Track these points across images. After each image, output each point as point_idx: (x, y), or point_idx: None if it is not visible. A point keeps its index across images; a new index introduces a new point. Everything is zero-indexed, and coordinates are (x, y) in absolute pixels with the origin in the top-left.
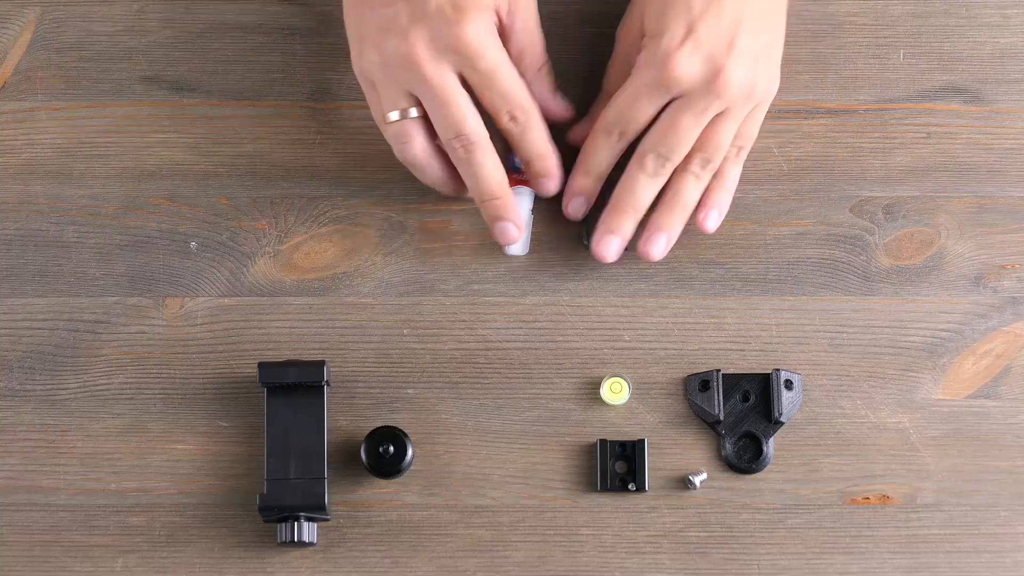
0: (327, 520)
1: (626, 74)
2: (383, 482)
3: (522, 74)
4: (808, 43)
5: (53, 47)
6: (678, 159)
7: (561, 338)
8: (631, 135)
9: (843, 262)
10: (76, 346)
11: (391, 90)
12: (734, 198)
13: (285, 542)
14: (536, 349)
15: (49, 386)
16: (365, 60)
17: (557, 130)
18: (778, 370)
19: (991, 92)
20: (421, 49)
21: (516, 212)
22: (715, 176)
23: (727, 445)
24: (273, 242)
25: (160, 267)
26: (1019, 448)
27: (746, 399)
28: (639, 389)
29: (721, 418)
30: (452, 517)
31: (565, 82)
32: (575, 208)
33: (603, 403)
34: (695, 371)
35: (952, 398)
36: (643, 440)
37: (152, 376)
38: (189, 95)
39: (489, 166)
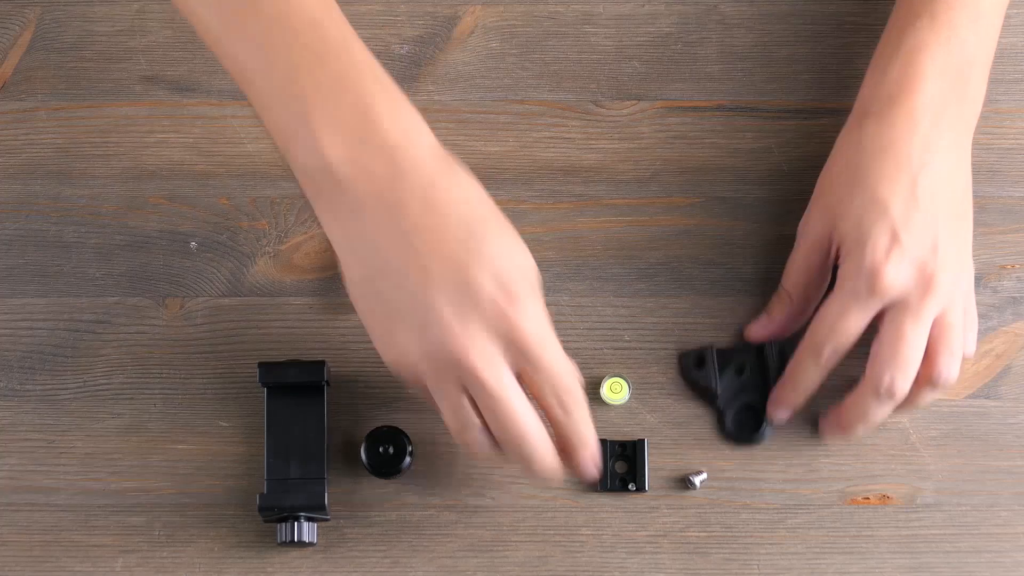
0: (327, 520)
1: (807, 273)
2: (383, 482)
3: None
4: (808, 43)
5: (53, 47)
6: (914, 372)
7: (561, 338)
8: (843, 352)
9: None
10: (76, 346)
11: (441, 386)
12: (734, 196)
13: (285, 542)
14: None
15: (49, 386)
16: (402, 355)
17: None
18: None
19: (991, 92)
20: (474, 347)
21: (561, 475)
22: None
23: (726, 419)
24: (273, 242)
25: (160, 267)
26: (1019, 448)
27: (741, 372)
28: (639, 389)
29: (719, 392)
30: (452, 517)
31: (566, 83)
32: (779, 418)
33: (603, 403)
34: (695, 372)
35: (952, 398)
36: (643, 440)
37: (152, 376)
38: (189, 95)
39: (547, 467)
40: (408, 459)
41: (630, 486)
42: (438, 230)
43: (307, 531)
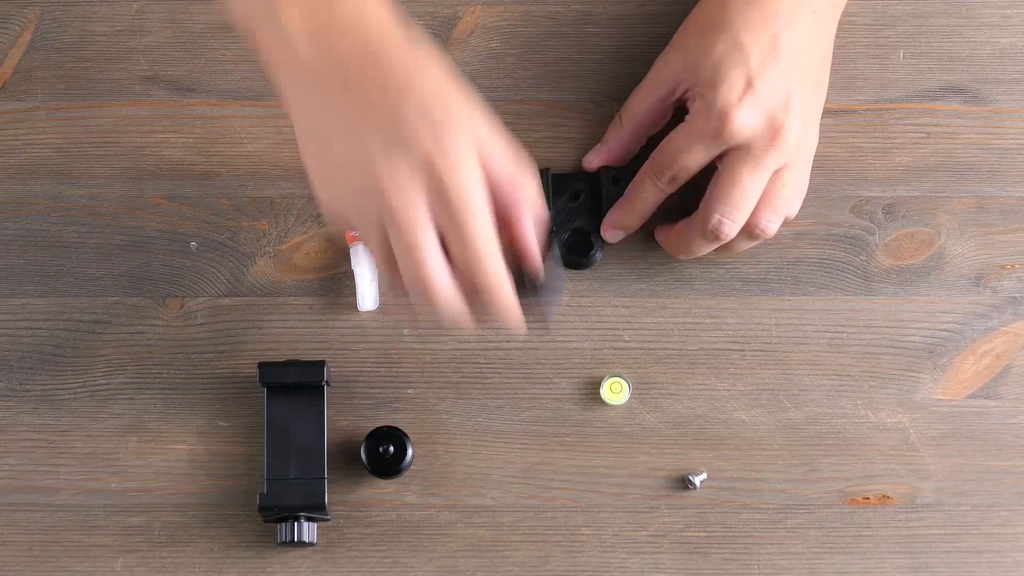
0: (327, 520)
1: (648, 107)
2: (383, 482)
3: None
4: None
5: (53, 47)
6: (743, 218)
7: (561, 338)
8: (680, 181)
9: (843, 262)
10: (76, 346)
11: (362, 223)
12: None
13: (285, 542)
14: (536, 349)
15: (49, 386)
16: (331, 195)
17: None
18: (608, 167)
19: (991, 92)
20: (394, 181)
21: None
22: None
23: (558, 241)
24: (273, 242)
25: (160, 267)
26: (1019, 448)
27: (576, 197)
28: (639, 389)
29: (551, 214)
30: (452, 517)
31: (566, 84)
32: (612, 237)
33: (603, 403)
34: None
35: (952, 398)
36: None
37: (152, 376)
38: (189, 95)
39: (441, 293)
40: (408, 459)
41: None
42: (380, 79)
43: (307, 531)
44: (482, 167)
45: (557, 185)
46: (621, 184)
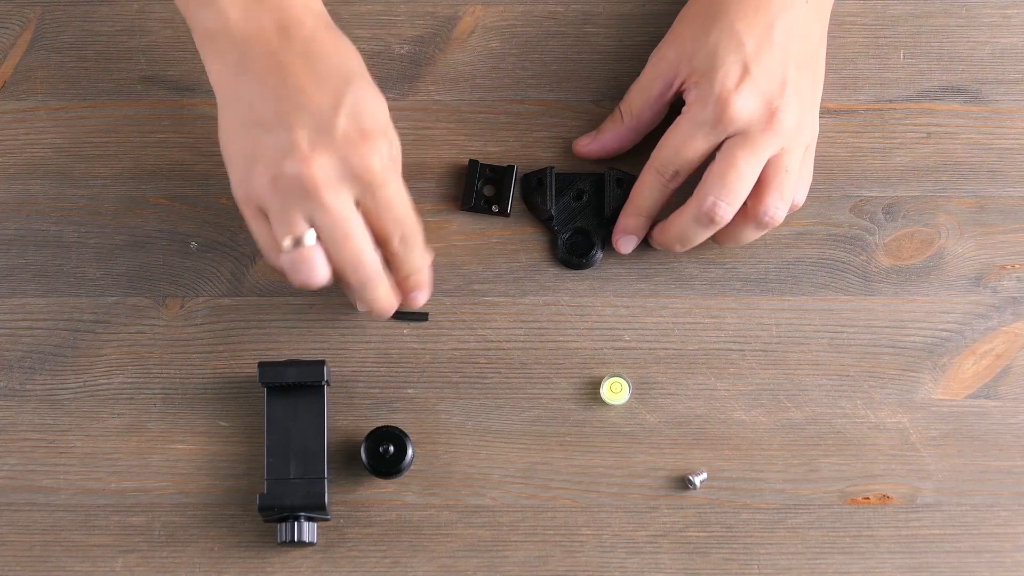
0: (327, 520)
1: (647, 99)
2: (383, 482)
3: None
4: None
5: (53, 47)
6: (738, 201)
7: (561, 338)
8: (684, 176)
9: (843, 262)
10: (76, 346)
11: (286, 216)
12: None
13: (285, 542)
14: (536, 349)
15: (49, 386)
16: (255, 185)
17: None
18: (612, 168)
19: (991, 92)
20: (323, 176)
21: (393, 304)
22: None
23: (559, 241)
24: None
25: (160, 267)
26: (1019, 448)
27: (579, 197)
28: (639, 389)
29: (553, 214)
30: (452, 517)
31: (566, 84)
32: (625, 246)
33: (603, 403)
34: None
35: (952, 398)
36: (512, 166)
37: (152, 376)
38: (189, 95)
39: (382, 296)
40: (408, 459)
41: (493, 208)
42: (315, 80)
43: (307, 531)
44: None
45: (560, 184)
46: (625, 186)
